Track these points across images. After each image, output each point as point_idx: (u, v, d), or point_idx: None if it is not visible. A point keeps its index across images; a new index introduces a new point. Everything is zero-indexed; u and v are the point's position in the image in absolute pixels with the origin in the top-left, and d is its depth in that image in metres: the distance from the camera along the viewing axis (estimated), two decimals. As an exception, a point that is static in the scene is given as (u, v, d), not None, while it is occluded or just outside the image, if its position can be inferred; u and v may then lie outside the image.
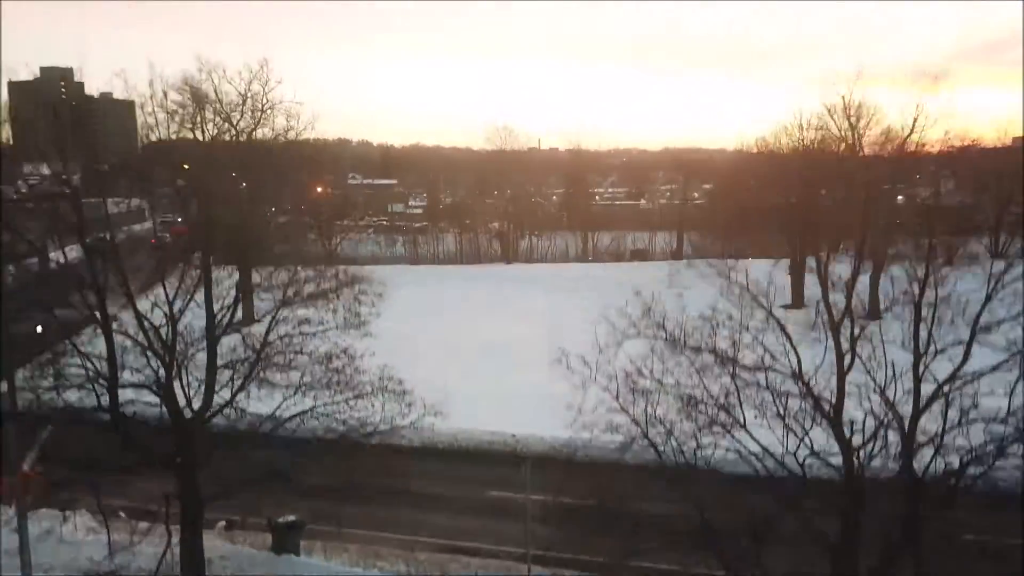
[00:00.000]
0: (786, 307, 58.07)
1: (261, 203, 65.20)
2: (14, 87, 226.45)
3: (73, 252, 25.22)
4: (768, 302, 16.65)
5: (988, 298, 15.09)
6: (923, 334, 16.05)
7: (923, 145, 65.94)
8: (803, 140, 69.93)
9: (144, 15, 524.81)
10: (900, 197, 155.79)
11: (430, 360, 41.38)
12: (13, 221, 26.11)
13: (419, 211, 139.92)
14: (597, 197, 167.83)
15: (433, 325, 49.70)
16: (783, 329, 16.38)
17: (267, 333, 20.02)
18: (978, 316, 15.13)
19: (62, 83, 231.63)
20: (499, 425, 34.78)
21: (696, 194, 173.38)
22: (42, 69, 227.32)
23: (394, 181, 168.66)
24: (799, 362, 15.92)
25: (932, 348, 15.30)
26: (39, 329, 39.49)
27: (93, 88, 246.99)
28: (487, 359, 42.32)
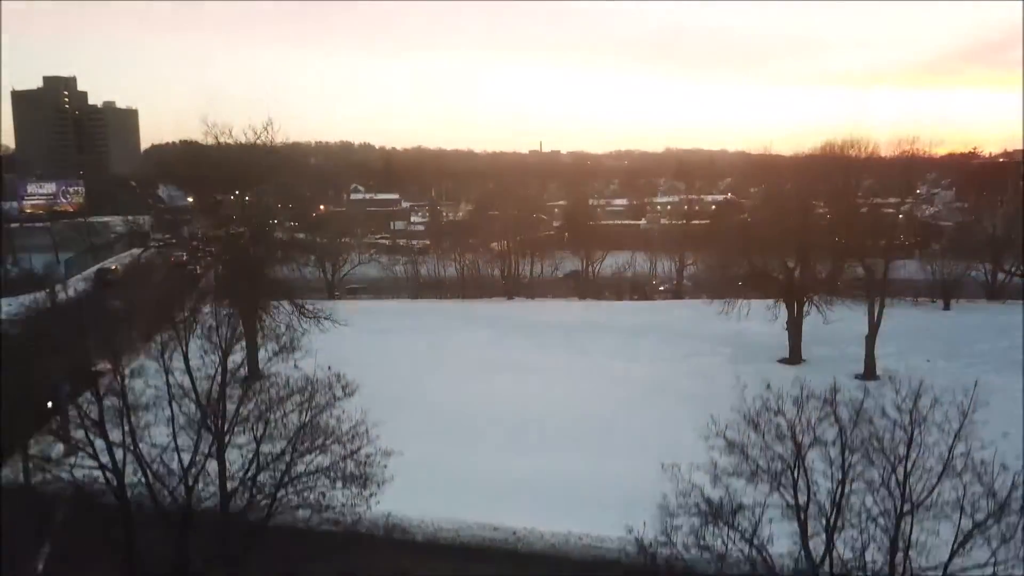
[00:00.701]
0: (783, 361, 58.91)
1: (265, 215, 65.96)
2: (17, 96, 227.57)
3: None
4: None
5: (953, 553, 15.76)
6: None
7: (924, 152, 66.44)
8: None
9: (145, 16, 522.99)
10: (900, 216, 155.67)
11: (432, 439, 41.80)
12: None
13: (421, 228, 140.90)
14: (599, 209, 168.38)
15: (433, 391, 50.19)
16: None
17: (267, 519, 20.71)
18: (947, 565, 15.87)
19: (65, 93, 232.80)
20: (500, 515, 35.47)
21: (698, 207, 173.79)
22: (45, 79, 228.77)
23: (396, 196, 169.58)
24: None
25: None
26: (49, 404, 40.88)
27: (97, 98, 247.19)
28: (488, 437, 42.63)
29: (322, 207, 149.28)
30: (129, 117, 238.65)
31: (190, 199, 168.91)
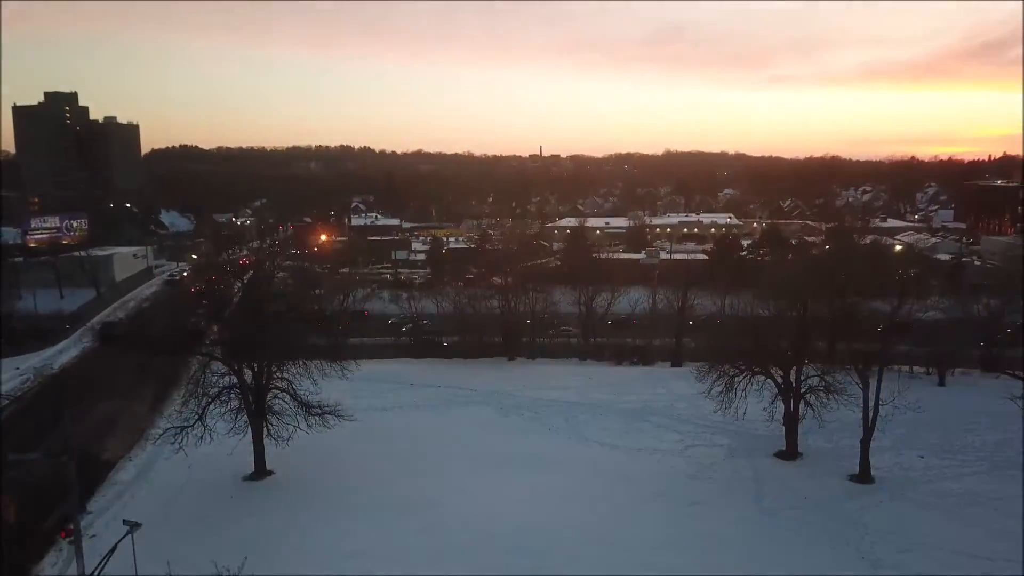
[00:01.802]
0: (779, 455, 59.51)
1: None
2: (19, 112, 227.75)
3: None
4: None
5: None
6: None
7: (924, 159, 66.57)
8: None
9: (147, 19, 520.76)
10: (899, 247, 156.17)
11: (424, 554, 41.64)
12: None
13: (422, 256, 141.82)
14: (598, 231, 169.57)
15: (429, 492, 50.16)
16: None
17: None
18: None
19: (66, 108, 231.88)
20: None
21: (697, 228, 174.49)
22: (46, 94, 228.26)
23: (397, 221, 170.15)
24: None
25: None
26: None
27: (98, 113, 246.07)
28: (482, 555, 41.93)
29: (324, 237, 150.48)
30: (131, 132, 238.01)
31: (191, 220, 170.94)
